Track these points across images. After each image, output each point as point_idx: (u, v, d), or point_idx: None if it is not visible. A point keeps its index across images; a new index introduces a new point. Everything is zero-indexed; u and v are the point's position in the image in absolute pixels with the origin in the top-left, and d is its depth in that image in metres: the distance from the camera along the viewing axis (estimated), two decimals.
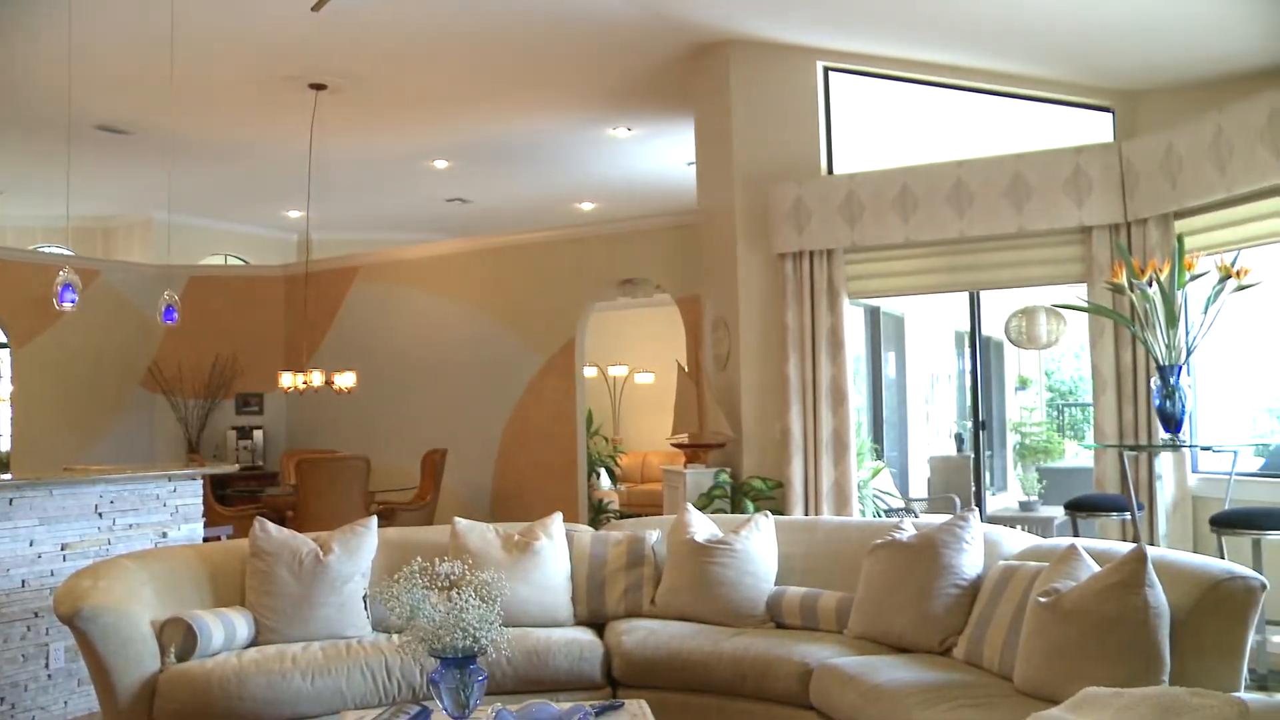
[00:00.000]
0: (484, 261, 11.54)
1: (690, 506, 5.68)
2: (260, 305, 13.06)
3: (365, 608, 5.01)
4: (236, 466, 7.93)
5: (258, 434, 12.81)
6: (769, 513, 5.57)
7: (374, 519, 5.37)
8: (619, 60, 8.90)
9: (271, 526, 5.09)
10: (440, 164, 12.21)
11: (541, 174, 12.74)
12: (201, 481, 6.58)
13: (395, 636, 4.29)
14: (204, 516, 6.62)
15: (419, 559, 3.80)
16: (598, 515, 11.58)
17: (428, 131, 10.97)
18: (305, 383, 10.21)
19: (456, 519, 5.48)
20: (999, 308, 10.05)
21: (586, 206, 14.62)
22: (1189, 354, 6.17)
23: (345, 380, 10.41)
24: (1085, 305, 7.02)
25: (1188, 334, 6.21)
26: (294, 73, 9.01)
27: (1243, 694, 3.38)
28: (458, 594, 3.57)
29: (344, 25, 7.91)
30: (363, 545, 5.13)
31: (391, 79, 9.33)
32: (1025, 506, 10.11)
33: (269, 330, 13.00)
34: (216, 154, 11.48)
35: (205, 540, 6.47)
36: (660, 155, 11.85)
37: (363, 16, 7.81)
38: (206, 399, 12.68)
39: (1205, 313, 6.02)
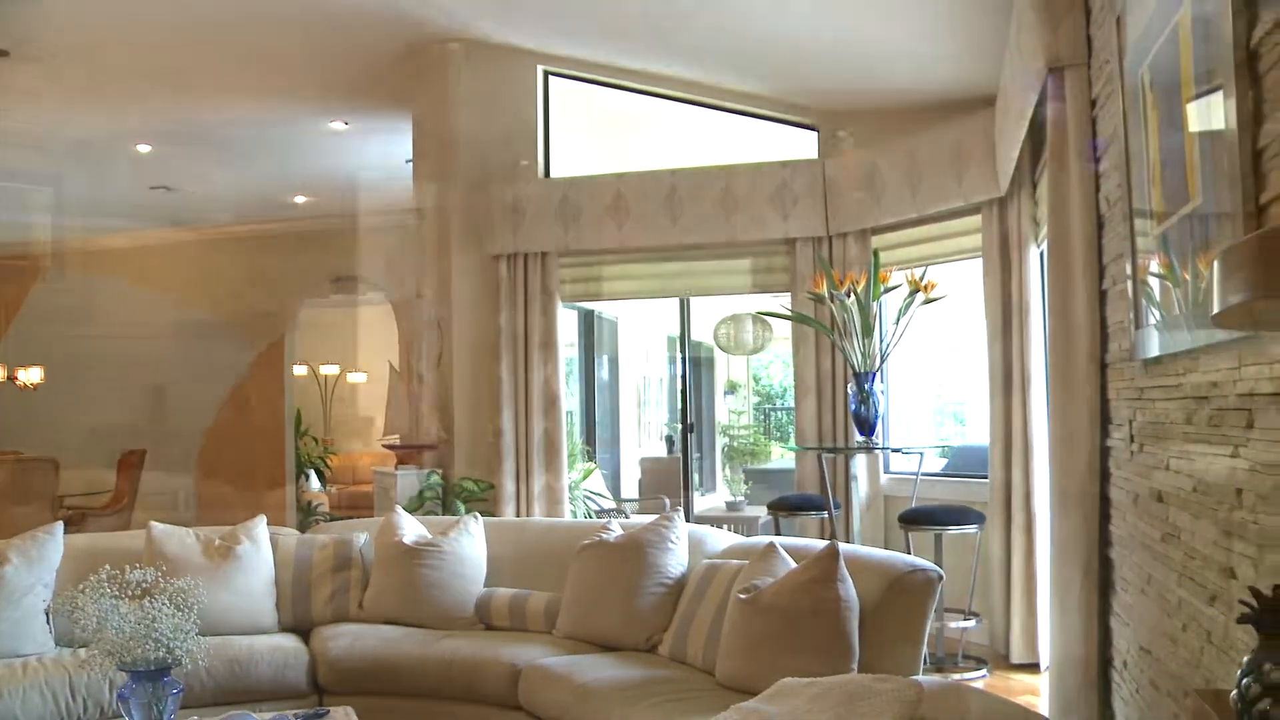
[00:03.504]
0: (191, 254, 11.06)
1: (399, 508, 5.62)
2: None
3: (47, 622, 4.68)
4: None
5: None
6: (479, 514, 5.56)
7: (60, 525, 5.03)
8: (336, 50, 8.65)
9: None
10: (143, 148, 11.57)
11: (254, 164, 12.25)
12: None
13: (81, 651, 4.04)
14: None
15: (108, 567, 3.59)
16: (307, 518, 11.28)
17: (128, 112, 10.35)
18: None
19: (152, 523, 5.20)
20: (710, 314, 10.38)
21: (300, 200, 14.19)
22: (882, 361, 6.56)
23: (31, 376, 9.75)
24: (788, 314, 7.33)
25: (882, 343, 6.60)
26: None
27: (920, 676, 3.62)
28: (150, 602, 3.40)
29: None
30: (45, 554, 4.79)
31: (86, 51, 8.70)
32: (732, 506, 10.43)
33: None
34: None
35: None
36: (379, 151, 11.61)
37: None
38: None
39: (897, 323, 6.42)
